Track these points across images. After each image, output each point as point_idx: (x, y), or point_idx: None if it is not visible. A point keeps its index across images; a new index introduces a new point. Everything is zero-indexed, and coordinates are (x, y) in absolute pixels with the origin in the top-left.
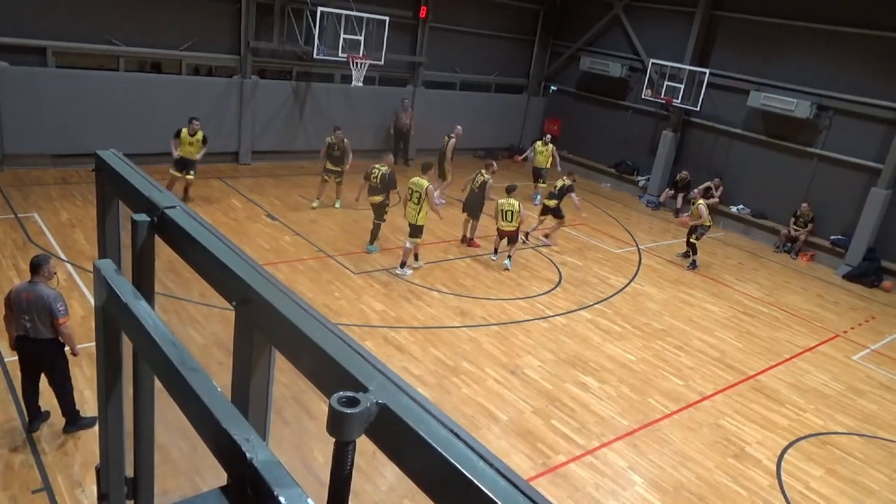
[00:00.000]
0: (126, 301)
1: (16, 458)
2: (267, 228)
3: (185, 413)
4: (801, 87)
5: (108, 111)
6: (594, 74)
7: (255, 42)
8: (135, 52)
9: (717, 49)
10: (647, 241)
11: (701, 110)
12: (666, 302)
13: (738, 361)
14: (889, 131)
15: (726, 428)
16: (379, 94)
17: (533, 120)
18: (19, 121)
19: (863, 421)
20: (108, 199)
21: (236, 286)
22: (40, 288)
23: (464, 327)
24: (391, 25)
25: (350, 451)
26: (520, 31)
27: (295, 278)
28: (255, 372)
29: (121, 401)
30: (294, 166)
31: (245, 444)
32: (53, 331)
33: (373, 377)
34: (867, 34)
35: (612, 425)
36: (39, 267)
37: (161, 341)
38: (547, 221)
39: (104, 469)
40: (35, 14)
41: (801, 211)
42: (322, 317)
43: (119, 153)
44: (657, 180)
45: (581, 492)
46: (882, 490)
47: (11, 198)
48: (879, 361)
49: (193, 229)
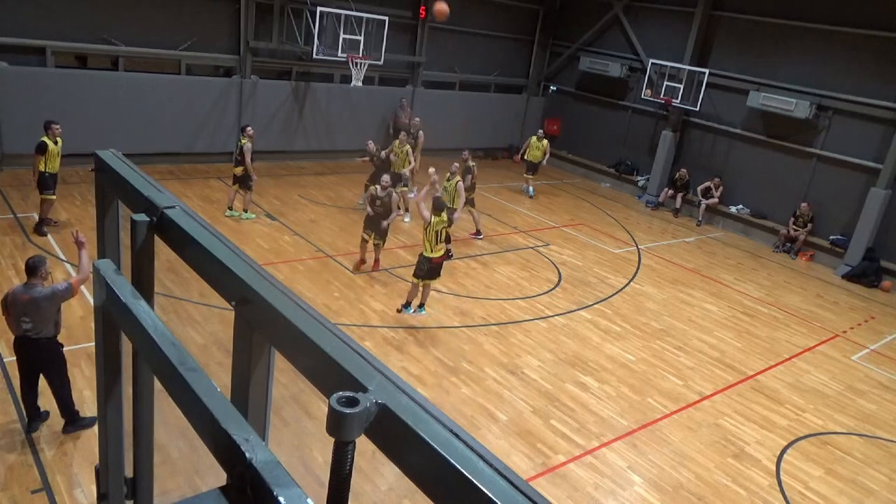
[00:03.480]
0: (125, 301)
1: (15, 458)
2: (266, 228)
3: (185, 413)
4: (800, 87)
5: (108, 111)
6: (594, 74)
7: (255, 42)
8: (135, 52)
9: (716, 49)
10: (647, 241)
11: (700, 110)
12: (665, 302)
13: (738, 361)
14: (888, 131)
15: (726, 428)
16: (378, 94)
17: (532, 120)
18: (19, 121)
19: (862, 421)
20: (108, 199)
21: (236, 286)
22: (38, 289)
23: (463, 327)
24: (391, 25)
25: (350, 451)
26: (519, 31)
27: (294, 278)
28: (254, 372)
29: (120, 401)
30: (294, 166)
31: (244, 444)
32: (55, 328)
33: (372, 377)
34: (867, 34)
35: (612, 425)
36: (36, 269)
37: (160, 341)
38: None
39: (104, 469)
40: (35, 14)
41: (801, 211)
42: (321, 317)
43: (118, 153)
44: (657, 180)
45: (580, 492)
46: (881, 490)
47: (10, 198)
48: (879, 361)
49: (193, 229)
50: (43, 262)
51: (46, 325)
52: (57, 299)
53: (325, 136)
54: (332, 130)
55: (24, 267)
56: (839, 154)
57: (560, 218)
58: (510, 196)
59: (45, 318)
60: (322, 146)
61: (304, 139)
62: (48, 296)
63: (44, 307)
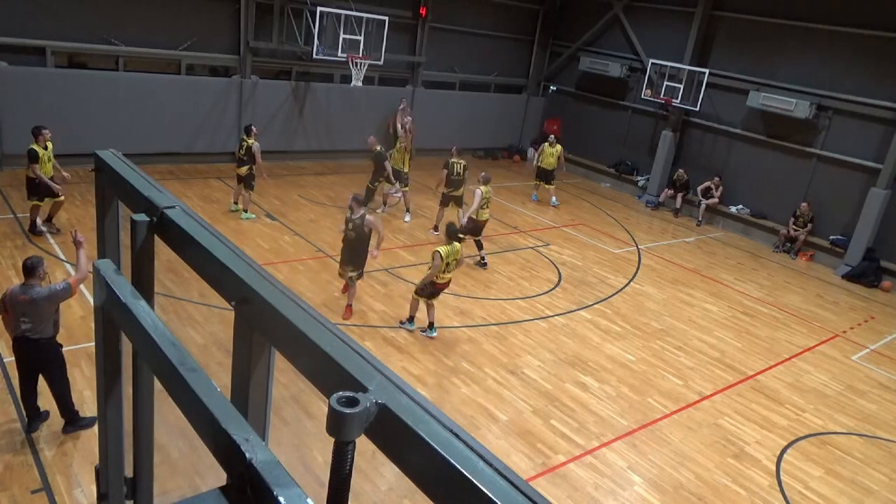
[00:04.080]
0: (125, 301)
1: (15, 458)
2: (266, 228)
3: (185, 413)
4: (800, 87)
5: (108, 111)
6: (594, 74)
7: (255, 42)
8: (135, 52)
9: (716, 49)
10: (647, 241)
11: (700, 110)
12: (665, 302)
13: (738, 361)
14: (888, 131)
15: (726, 428)
16: (378, 94)
17: (532, 120)
18: (19, 121)
19: (862, 421)
20: (108, 199)
21: (236, 286)
22: (36, 290)
23: (463, 327)
24: (391, 25)
25: (350, 451)
26: (519, 31)
27: (294, 278)
28: (254, 372)
29: (120, 401)
30: (294, 166)
31: (244, 444)
32: (54, 328)
33: (372, 377)
34: (867, 34)
35: (612, 425)
36: (35, 269)
37: (160, 341)
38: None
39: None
40: (35, 14)
41: (801, 211)
42: (321, 317)
43: (118, 153)
44: (656, 180)
45: (580, 492)
46: (881, 490)
47: (10, 198)
48: (879, 361)
49: (193, 229)
50: (41, 263)
51: (45, 326)
52: (55, 299)
53: (325, 136)
54: (332, 130)
55: (22, 267)
56: (839, 154)
57: (560, 218)
58: (510, 196)
59: (43, 319)
60: (322, 146)
61: (304, 139)
62: (46, 296)
63: (42, 307)
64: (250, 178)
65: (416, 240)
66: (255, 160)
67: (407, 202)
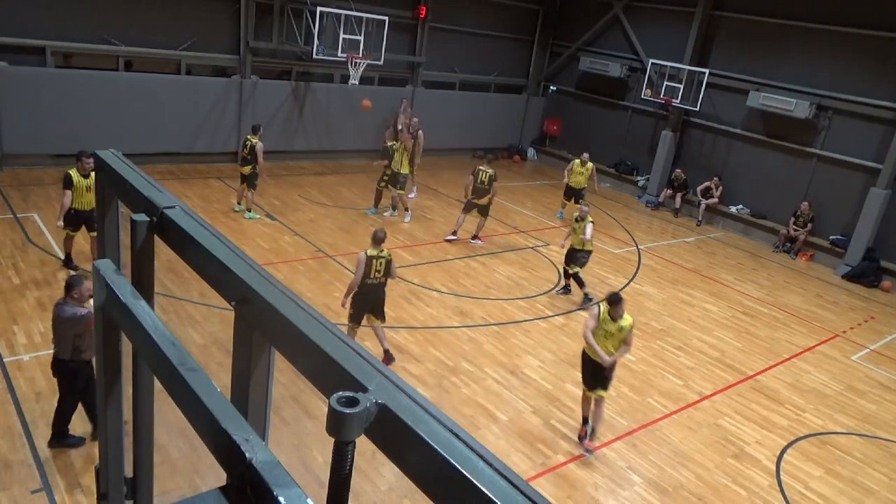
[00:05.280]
0: (125, 301)
1: (15, 458)
2: (266, 228)
3: (185, 413)
4: (800, 87)
5: (108, 111)
6: (593, 74)
7: (255, 42)
8: (135, 52)
9: (716, 49)
10: (647, 241)
11: (700, 110)
12: (665, 302)
13: (738, 361)
14: (888, 131)
15: (726, 428)
16: (378, 95)
17: (532, 120)
18: (19, 121)
19: (862, 421)
20: (108, 200)
21: (236, 286)
22: (64, 309)
23: (463, 327)
24: (390, 25)
25: (350, 451)
26: (519, 31)
27: (294, 278)
28: (254, 372)
29: (120, 401)
30: (294, 166)
31: (244, 444)
32: (71, 352)
33: (372, 377)
34: (867, 34)
35: (612, 425)
36: (71, 288)
37: (160, 341)
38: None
39: (103, 469)
40: (35, 14)
41: (801, 211)
42: (322, 317)
43: (119, 153)
44: (656, 180)
45: (580, 491)
46: (881, 490)
47: (10, 198)
48: (878, 361)
49: (193, 229)
50: (79, 282)
51: (63, 347)
52: (71, 323)
53: (325, 136)
54: (332, 130)
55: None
56: (839, 154)
57: (560, 218)
58: (510, 196)
59: (62, 339)
60: (322, 146)
61: (304, 139)
62: (66, 318)
63: (63, 327)
64: (254, 178)
65: (417, 240)
66: (257, 159)
67: (405, 203)
